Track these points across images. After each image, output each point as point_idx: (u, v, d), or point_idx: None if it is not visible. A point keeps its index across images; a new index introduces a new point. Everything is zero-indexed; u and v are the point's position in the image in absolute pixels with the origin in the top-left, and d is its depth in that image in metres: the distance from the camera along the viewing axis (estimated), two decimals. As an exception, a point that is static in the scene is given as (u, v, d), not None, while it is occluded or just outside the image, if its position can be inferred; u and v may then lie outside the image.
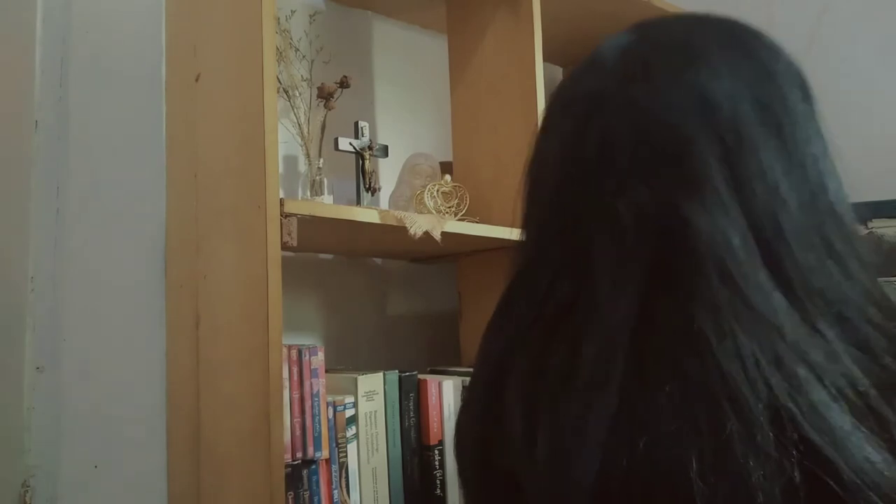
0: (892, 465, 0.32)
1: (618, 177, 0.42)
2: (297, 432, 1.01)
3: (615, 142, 0.43)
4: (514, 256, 0.50)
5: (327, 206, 1.08)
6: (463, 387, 1.23)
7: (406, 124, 1.53)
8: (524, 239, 0.50)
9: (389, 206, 1.33)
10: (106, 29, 1.15)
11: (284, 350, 0.99)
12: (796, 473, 0.32)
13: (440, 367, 1.36)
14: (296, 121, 1.25)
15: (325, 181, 1.22)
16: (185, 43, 1.12)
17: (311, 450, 1.02)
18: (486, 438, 0.43)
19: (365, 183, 1.24)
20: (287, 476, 0.95)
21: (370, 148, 1.26)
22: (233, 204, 0.97)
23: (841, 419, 0.33)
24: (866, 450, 0.32)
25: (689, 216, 0.39)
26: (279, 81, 1.12)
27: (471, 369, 1.29)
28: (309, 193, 1.24)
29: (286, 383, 0.99)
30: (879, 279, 0.41)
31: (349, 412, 1.09)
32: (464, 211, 1.22)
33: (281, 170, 1.28)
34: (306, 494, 1.01)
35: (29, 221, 1.05)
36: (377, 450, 1.12)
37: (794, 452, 0.32)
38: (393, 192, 1.34)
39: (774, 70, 0.43)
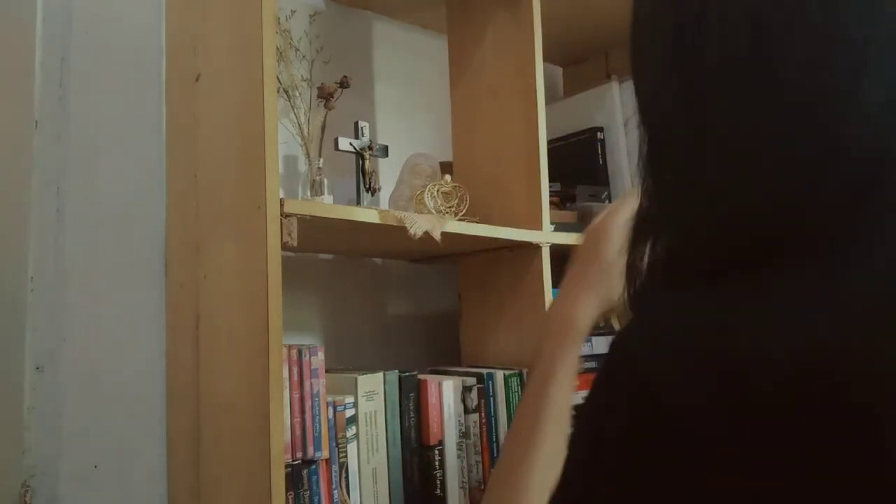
0: None
1: None
2: (297, 432, 1.01)
3: None
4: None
5: (327, 206, 1.08)
6: (464, 387, 1.23)
7: (406, 124, 1.53)
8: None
9: (389, 206, 1.33)
10: (106, 29, 1.15)
11: (284, 350, 0.99)
12: None
13: (440, 367, 1.36)
14: (296, 121, 1.25)
15: (325, 181, 1.22)
16: (185, 43, 1.12)
17: (311, 450, 1.02)
18: None
19: (365, 183, 1.24)
20: (287, 476, 0.95)
21: (370, 148, 1.26)
22: (233, 204, 0.97)
23: None
24: None
25: None
26: (279, 81, 1.12)
27: (471, 370, 1.31)
28: (309, 193, 1.24)
29: (286, 383, 0.99)
30: None
31: (349, 412, 1.09)
32: (464, 211, 1.22)
33: (281, 170, 1.28)
34: (306, 494, 1.01)
35: (29, 221, 1.05)
36: (377, 450, 1.12)
37: None
38: (393, 192, 1.34)
39: None
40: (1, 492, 1.00)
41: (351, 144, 1.24)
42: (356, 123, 1.26)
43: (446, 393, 1.20)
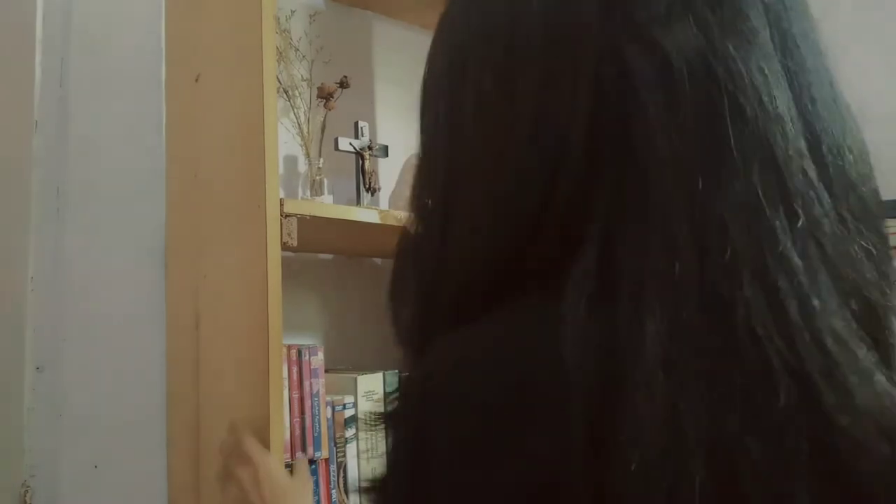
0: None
1: (656, 8, 0.35)
2: (297, 432, 1.01)
3: None
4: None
5: (327, 206, 1.08)
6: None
7: (406, 124, 1.53)
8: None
9: (389, 206, 1.33)
10: (106, 29, 1.15)
11: (284, 350, 0.99)
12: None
13: None
14: (296, 121, 1.25)
15: (325, 181, 1.22)
16: (185, 43, 1.12)
17: (310, 450, 1.02)
18: None
19: (365, 183, 1.24)
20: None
21: (370, 148, 1.26)
22: (233, 204, 0.97)
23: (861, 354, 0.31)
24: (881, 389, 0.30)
25: (742, 68, 0.34)
26: (279, 81, 1.12)
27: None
28: (309, 193, 1.24)
29: (286, 383, 1.00)
30: None
31: (348, 412, 1.09)
32: (464, 211, 1.21)
33: (281, 170, 1.28)
34: (306, 494, 1.01)
35: (29, 221, 1.05)
36: (376, 450, 1.12)
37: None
38: (393, 192, 1.34)
39: None
40: (1, 492, 1.00)
41: (351, 144, 1.24)
42: (356, 123, 1.26)
43: (446, 393, 1.20)
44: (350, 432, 1.09)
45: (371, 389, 1.13)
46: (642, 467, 0.29)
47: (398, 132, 1.50)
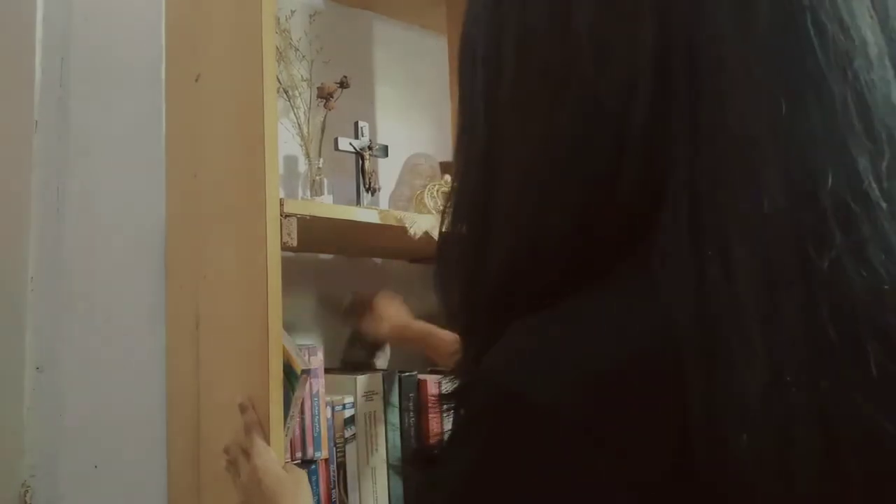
0: None
1: None
2: (297, 432, 1.01)
3: None
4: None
5: (327, 206, 1.08)
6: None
7: (406, 124, 1.53)
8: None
9: (389, 206, 1.33)
10: (106, 29, 1.15)
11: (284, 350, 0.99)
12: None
13: (440, 367, 1.36)
14: (296, 121, 1.25)
15: (325, 181, 1.22)
16: (185, 43, 1.12)
17: (310, 450, 1.02)
18: None
19: (365, 183, 1.24)
20: (287, 476, 0.95)
21: (370, 148, 1.26)
22: (233, 204, 0.97)
23: None
24: None
25: None
26: (279, 81, 1.12)
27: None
28: (309, 193, 1.24)
29: (286, 383, 0.99)
30: None
31: (348, 412, 1.09)
32: (464, 211, 1.21)
33: (281, 170, 1.28)
34: (306, 494, 1.01)
35: (29, 221, 1.05)
36: (376, 450, 1.12)
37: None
38: (393, 192, 1.34)
39: None
40: (1, 492, 1.00)
41: (351, 144, 1.24)
42: (356, 123, 1.26)
43: (446, 393, 1.20)
44: (350, 432, 1.09)
45: (371, 389, 1.13)
46: (748, 445, 0.27)
47: (398, 132, 1.50)
